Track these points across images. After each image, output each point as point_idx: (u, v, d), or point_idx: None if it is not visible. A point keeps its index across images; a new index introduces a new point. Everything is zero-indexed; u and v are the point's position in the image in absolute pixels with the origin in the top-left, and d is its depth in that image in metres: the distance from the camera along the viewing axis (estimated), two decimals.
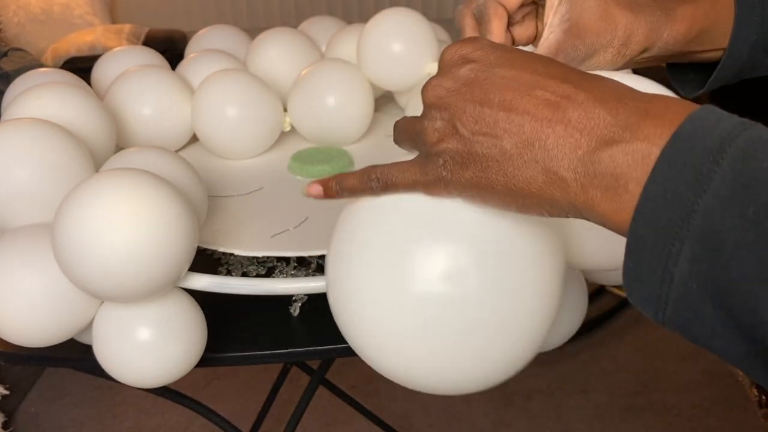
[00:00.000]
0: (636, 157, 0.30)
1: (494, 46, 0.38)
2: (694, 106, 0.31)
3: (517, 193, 0.35)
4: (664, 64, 0.54)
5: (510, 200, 0.36)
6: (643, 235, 0.29)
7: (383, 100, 1.11)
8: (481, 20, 0.49)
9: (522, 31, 0.52)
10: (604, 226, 0.33)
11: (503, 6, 0.49)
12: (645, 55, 0.49)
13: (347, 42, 1.07)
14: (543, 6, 0.50)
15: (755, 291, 0.27)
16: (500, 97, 0.35)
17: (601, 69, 0.48)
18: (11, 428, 1.61)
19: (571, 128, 0.33)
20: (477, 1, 0.50)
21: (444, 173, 0.38)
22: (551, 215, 0.35)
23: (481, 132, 0.35)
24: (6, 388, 1.64)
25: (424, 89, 0.39)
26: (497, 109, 0.35)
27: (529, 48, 0.52)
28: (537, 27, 0.53)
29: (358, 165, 0.94)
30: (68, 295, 0.63)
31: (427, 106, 0.38)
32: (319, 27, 1.19)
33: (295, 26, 1.18)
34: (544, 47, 0.47)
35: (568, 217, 0.34)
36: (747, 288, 0.27)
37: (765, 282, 0.26)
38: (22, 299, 0.62)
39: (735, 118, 0.30)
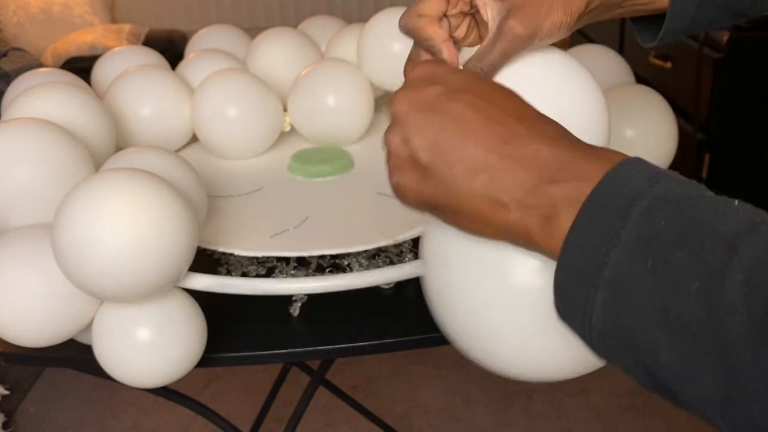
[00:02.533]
0: (569, 199, 0.34)
1: (460, 73, 0.41)
2: (620, 159, 0.34)
3: (464, 215, 0.38)
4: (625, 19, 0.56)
5: (459, 221, 0.39)
6: (565, 281, 0.34)
7: (383, 100, 1.11)
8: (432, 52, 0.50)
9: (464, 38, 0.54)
10: (542, 254, 0.36)
11: (433, 17, 0.49)
12: (592, 7, 0.50)
13: (347, 42, 1.07)
14: (477, 12, 0.51)
15: (653, 333, 0.30)
16: (459, 125, 0.37)
17: (558, 35, 0.49)
18: (11, 428, 1.61)
19: (518, 164, 0.36)
20: (418, 43, 0.51)
21: (398, 187, 0.41)
22: (497, 239, 0.38)
23: (435, 157, 0.38)
24: (6, 388, 1.64)
25: (392, 100, 0.41)
26: (453, 135, 0.37)
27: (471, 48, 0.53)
28: (480, 33, 0.54)
29: (358, 165, 0.94)
30: (68, 295, 0.63)
31: (393, 117, 0.41)
32: (319, 27, 1.19)
33: (295, 26, 1.18)
34: (492, 37, 0.48)
35: (514, 243, 0.38)
36: (647, 330, 0.30)
37: (661, 325, 0.30)
38: (22, 299, 0.62)
39: (645, 173, 0.33)
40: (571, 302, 0.34)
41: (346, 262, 0.78)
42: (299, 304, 0.74)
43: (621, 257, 0.31)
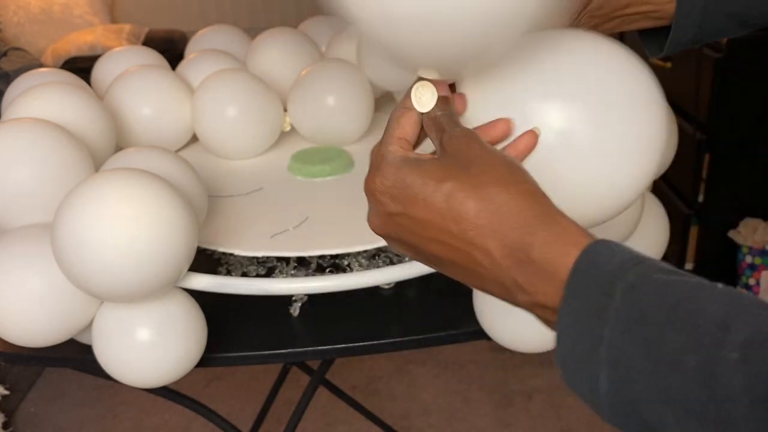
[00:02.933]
0: (542, 281, 0.35)
1: (396, 184, 0.40)
2: (590, 239, 0.34)
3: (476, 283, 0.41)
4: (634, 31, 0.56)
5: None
6: (566, 357, 0.34)
7: (383, 100, 1.11)
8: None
9: None
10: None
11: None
12: (591, 7, 0.49)
13: (347, 42, 1.08)
14: None
15: (658, 410, 0.30)
16: (425, 255, 0.41)
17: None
18: (11, 428, 1.61)
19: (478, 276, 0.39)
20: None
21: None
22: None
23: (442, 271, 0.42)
24: (6, 388, 1.64)
25: (369, 218, 0.43)
26: (423, 256, 0.41)
27: None
28: None
29: (358, 165, 0.94)
30: (68, 295, 0.63)
31: (375, 233, 0.43)
32: (319, 27, 1.19)
33: (295, 26, 1.18)
34: None
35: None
36: (653, 407, 0.30)
37: (665, 402, 0.30)
38: (22, 299, 0.62)
39: (626, 255, 0.33)
40: (577, 378, 0.34)
41: (346, 262, 0.78)
42: (299, 304, 0.74)
43: (614, 336, 0.31)
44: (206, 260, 0.77)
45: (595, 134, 0.43)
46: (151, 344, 0.63)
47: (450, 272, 0.40)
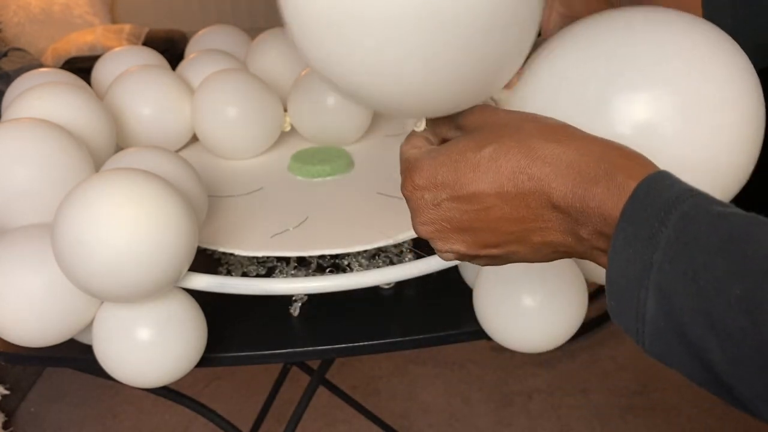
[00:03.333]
0: (600, 212, 0.35)
1: (443, 172, 0.39)
2: (648, 169, 0.35)
3: (538, 257, 0.41)
4: None
5: (535, 260, 0.42)
6: (616, 281, 0.34)
7: None
8: None
9: None
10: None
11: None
12: None
13: None
14: None
15: (704, 335, 0.31)
16: (480, 226, 0.39)
17: None
18: (11, 428, 1.61)
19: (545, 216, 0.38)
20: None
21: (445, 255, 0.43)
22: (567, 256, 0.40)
23: (484, 246, 0.40)
24: (6, 388, 1.64)
25: (417, 232, 0.42)
26: (482, 232, 0.39)
27: None
28: None
29: (358, 165, 0.94)
30: (68, 295, 0.63)
31: (430, 241, 0.42)
32: None
33: None
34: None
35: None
36: (697, 332, 0.31)
37: (709, 327, 0.31)
38: (22, 299, 0.62)
39: (684, 186, 0.34)
40: (624, 302, 0.34)
41: (346, 262, 0.78)
42: (299, 304, 0.74)
43: (663, 261, 0.32)
44: (206, 260, 0.77)
45: (681, 130, 0.38)
46: (151, 344, 0.63)
47: (507, 241, 0.39)
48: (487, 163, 0.37)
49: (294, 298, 0.75)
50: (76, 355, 0.70)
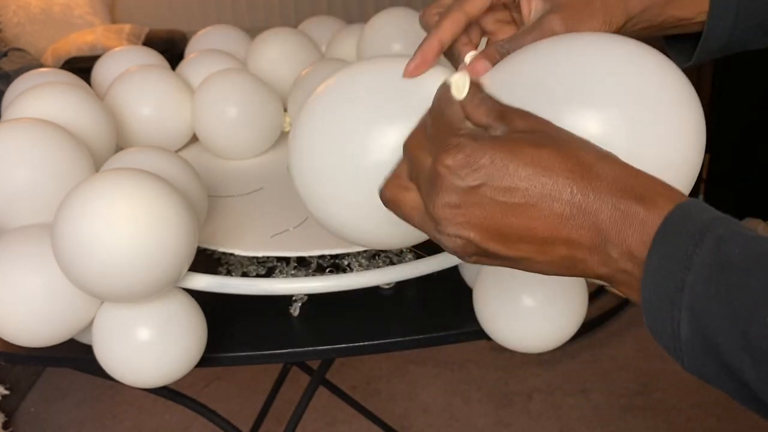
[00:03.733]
0: (639, 231, 0.35)
1: (479, 151, 0.37)
2: (683, 197, 0.36)
3: (550, 270, 0.40)
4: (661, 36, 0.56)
5: (546, 273, 0.40)
6: (651, 299, 0.35)
7: None
8: (438, 20, 0.49)
9: (501, 34, 0.53)
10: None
11: (465, 13, 0.49)
12: (631, 24, 0.50)
13: (347, 42, 1.07)
14: (517, 8, 0.51)
15: (738, 355, 0.31)
16: (513, 215, 0.37)
17: None
18: (11, 428, 1.61)
19: (581, 228, 0.36)
20: (443, 3, 0.50)
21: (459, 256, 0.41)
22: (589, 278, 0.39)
23: (502, 248, 0.38)
24: (6, 388, 1.64)
25: (432, 211, 0.39)
26: (513, 224, 0.37)
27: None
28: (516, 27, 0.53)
29: None
30: (68, 295, 0.63)
31: (442, 222, 0.39)
32: (319, 27, 1.19)
33: (295, 26, 1.18)
34: (529, 27, 0.47)
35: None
36: (731, 352, 0.32)
37: (742, 348, 0.31)
38: (22, 299, 0.62)
39: (717, 213, 0.34)
40: (659, 321, 0.34)
41: (346, 262, 0.78)
42: (299, 304, 0.74)
43: (696, 283, 0.32)
44: (206, 260, 0.77)
45: (632, 143, 0.41)
46: (151, 344, 0.63)
47: (527, 244, 0.38)
48: (544, 162, 0.36)
49: (294, 298, 0.75)
50: (76, 355, 0.70)
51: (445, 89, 0.43)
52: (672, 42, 0.57)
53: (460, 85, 0.43)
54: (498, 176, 0.37)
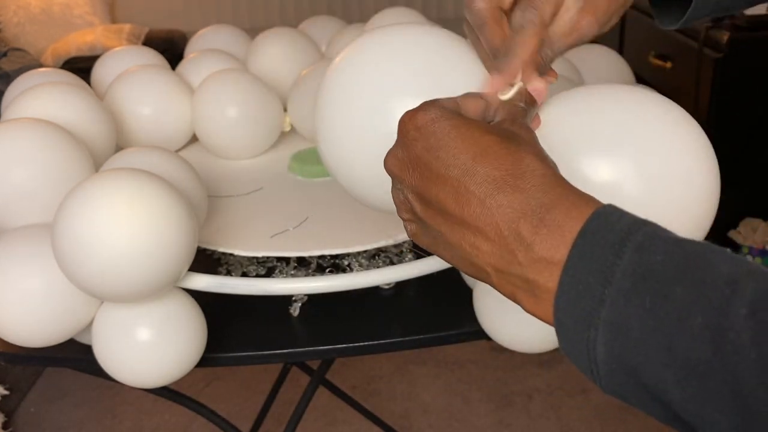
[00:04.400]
0: (551, 252, 0.33)
1: (443, 119, 0.38)
2: (598, 203, 0.34)
3: (462, 263, 0.39)
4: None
5: (458, 266, 0.40)
6: (564, 321, 0.33)
7: None
8: (477, 28, 0.48)
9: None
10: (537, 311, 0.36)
11: (499, 8, 0.48)
12: None
13: (347, 42, 1.07)
14: None
15: (660, 373, 0.30)
16: (438, 190, 0.37)
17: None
18: (11, 428, 1.61)
19: (491, 228, 0.36)
20: (471, 11, 0.49)
21: (407, 231, 0.42)
22: (494, 285, 0.38)
23: (427, 215, 0.39)
24: (6, 388, 1.64)
25: (386, 158, 0.42)
26: (437, 197, 0.38)
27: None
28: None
29: None
30: (68, 295, 0.63)
31: (389, 174, 0.42)
32: (319, 27, 1.19)
33: (295, 26, 1.18)
34: (560, 26, 0.48)
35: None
36: (653, 370, 0.30)
37: (666, 365, 0.29)
38: (22, 299, 0.62)
39: (634, 216, 0.33)
40: (574, 343, 0.33)
41: (346, 262, 0.78)
42: (299, 304, 0.74)
43: (617, 296, 0.31)
44: (206, 260, 0.77)
45: (644, 188, 0.44)
46: (151, 344, 0.63)
47: (448, 223, 0.38)
48: (482, 145, 0.37)
49: (294, 298, 0.75)
50: (76, 355, 0.70)
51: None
52: (656, 5, 0.57)
53: (514, 92, 0.45)
54: (436, 145, 0.38)
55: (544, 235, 0.34)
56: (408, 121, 0.39)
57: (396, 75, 0.50)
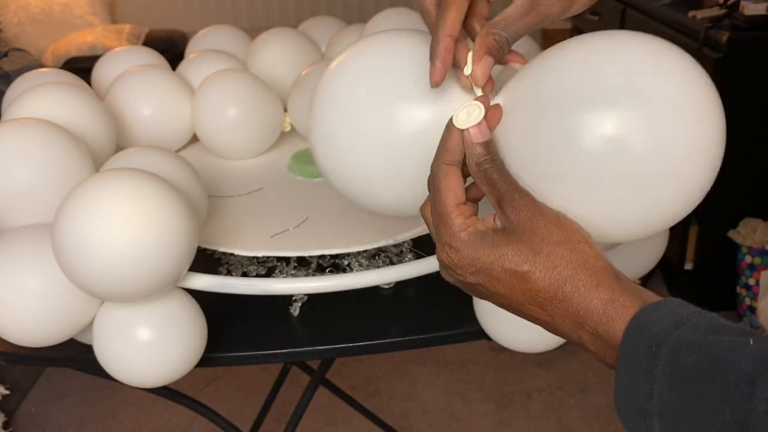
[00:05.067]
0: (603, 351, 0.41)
1: (473, 262, 0.44)
2: (641, 302, 0.39)
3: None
4: None
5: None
6: (624, 411, 0.38)
7: None
8: (441, 5, 0.46)
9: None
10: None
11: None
12: None
13: (347, 42, 1.07)
14: None
15: None
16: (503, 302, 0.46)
17: (581, 9, 0.47)
18: (11, 428, 1.61)
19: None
20: None
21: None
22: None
23: (487, 296, 0.47)
24: (6, 388, 1.64)
25: (441, 271, 0.48)
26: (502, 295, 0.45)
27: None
28: None
29: None
30: (68, 295, 0.63)
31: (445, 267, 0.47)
32: (319, 27, 1.19)
33: (295, 26, 1.18)
34: (516, 5, 0.45)
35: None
36: None
37: None
38: (22, 299, 0.62)
39: (670, 318, 0.37)
40: (634, 426, 0.38)
41: (346, 262, 0.78)
42: (299, 304, 0.74)
43: (661, 391, 0.36)
44: (206, 260, 0.77)
45: (650, 146, 0.40)
46: (151, 344, 0.63)
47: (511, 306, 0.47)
48: (521, 279, 0.43)
49: (294, 298, 0.75)
50: (76, 355, 0.70)
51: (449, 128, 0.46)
52: None
53: (470, 118, 0.44)
54: (490, 281, 0.44)
55: (601, 344, 0.41)
56: (449, 260, 0.45)
57: (395, 79, 0.50)
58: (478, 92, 0.46)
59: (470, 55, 0.46)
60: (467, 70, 0.46)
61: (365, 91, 0.50)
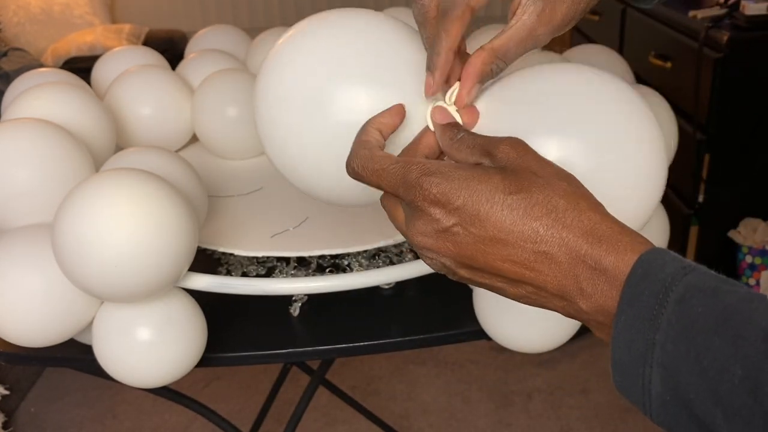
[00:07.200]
0: (604, 289, 0.37)
1: (467, 193, 0.39)
2: (647, 245, 0.36)
3: (517, 299, 0.42)
4: None
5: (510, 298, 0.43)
6: (620, 359, 0.36)
7: None
8: (444, 17, 0.47)
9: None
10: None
11: (472, 8, 0.46)
12: None
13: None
14: None
15: (710, 409, 0.32)
16: (486, 251, 0.39)
17: (569, 26, 0.48)
18: (11, 428, 1.61)
19: (552, 267, 0.38)
20: (417, 4, 0.48)
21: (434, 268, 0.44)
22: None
23: (475, 276, 0.41)
24: (6, 388, 1.64)
25: (410, 236, 0.42)
26: (486, 257, 0.39)
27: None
28: None
29: None
30: (68, 295, 0.63)
31: (419, 248, 0.42)
32: None
33: None
34: (516, 29, 0.46)
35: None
36: (703, 407, 0.32)
37: (715, 404, 0.32)
38: (22, 299, 0.62)
39: (677, 263, 0.35)
40: (628, 378, 0.35)
41: (346, 262, 0.78)
42: (299, 304, 0.74)
43: (665, 341, 0.33)
44: (206, 260, 0.77)
45: (594, 170, 0.44)
46: (151, 344, 0.63)
47: (498, 276, 0.40)
48: (512, 208, 0.38)
49: (294, 298, 0.75)
50: (76, 355, 0.70)
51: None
52: None
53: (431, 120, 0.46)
54: (469, 220, 0.38)
55: (601, 284, 0.37)
56: (425, 199, 0.39)
57: (337, 59, 0.49)
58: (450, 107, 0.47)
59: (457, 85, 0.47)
60: (451, 95, 0.47)
61: (306, 72, 0.49)
